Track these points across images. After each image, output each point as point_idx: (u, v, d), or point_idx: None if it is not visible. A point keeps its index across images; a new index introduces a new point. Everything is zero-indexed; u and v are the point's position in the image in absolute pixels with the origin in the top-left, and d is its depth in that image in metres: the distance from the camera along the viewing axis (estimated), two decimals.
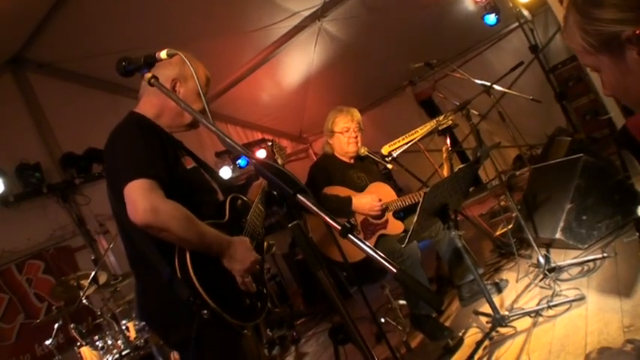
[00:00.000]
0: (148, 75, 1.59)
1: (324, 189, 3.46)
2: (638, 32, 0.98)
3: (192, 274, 1.67)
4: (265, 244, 2.17)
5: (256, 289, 1.88)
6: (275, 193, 1.32)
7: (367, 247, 1.15)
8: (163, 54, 1.62)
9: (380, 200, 3.39)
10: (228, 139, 1.37)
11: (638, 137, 1.04)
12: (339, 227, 1.16)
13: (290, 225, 1.32)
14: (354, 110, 3.70)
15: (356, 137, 3.63)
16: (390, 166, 3.65)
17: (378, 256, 1.13)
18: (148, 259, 1.75)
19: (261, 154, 7.27)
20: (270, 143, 2.95)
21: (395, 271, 1.10)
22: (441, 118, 3.67)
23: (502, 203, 5.26)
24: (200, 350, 1.74)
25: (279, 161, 2.89)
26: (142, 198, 1.65)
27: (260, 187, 2.23)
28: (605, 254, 3.04)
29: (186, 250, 1.70)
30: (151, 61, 1.63)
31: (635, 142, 1.03)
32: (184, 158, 1.99)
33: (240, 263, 1.80)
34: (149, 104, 1.98)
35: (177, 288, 1.66)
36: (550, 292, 2.93)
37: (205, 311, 1.65)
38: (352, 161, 3.73)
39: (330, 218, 1.18)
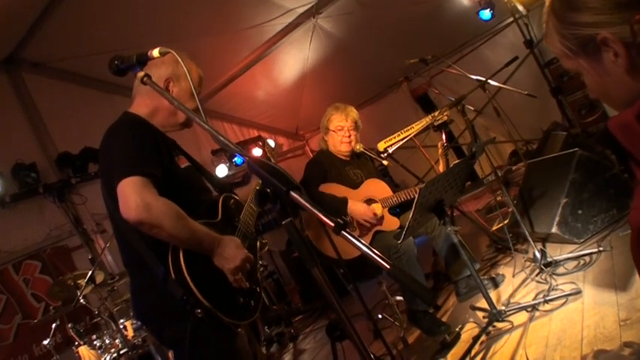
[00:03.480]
0: (141, 74, 1.58)
1: (321, 186, 3.45)
2: (612, 34, 0.99)
3: (185, 273, 1.67)
4: (258, 243, 2.18)
5: (249, 287, 1.88)
6: (268, 190, 1.32)
7: (360, 244, 1.14)
8: (156, 52, 1.61)
9: (375, 215, 3.37)
10: (221, 138, 1.36)
11: (619, 137, 1.04)
12: (333, 224, 1.16)
13: (283, 222, 1.32)
14: (351, 109, 3.67)
15: (349, 137, 3.60)
16: (385, 162, 3.64)
17: (372, 252, 1.13)
18: (142, 259, 1.75)
19: (256, 152, 7.23)
20: (260, 142, 2.95)
21: (388, 267, 1.10)
22: (437, 113, 3.66)
23: (498, 198, 5.28)
24: (194, 349, 1.74)
25: (271, 160, 2.89)
26: (134, 194, 1.65)
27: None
28: (600, 248, 3.05)
29: (180, 250, 1.71)
30: (144, 60, 1.61)
31: (617, 141, 1.04)
32: (178, 157, 1.99)
33: (231, 261, 1.80)
34: (142, 104, 1.98)
35: (171, 287, 1.67)
36: (546, 287, 2.93)
37: (199, 310, 1.65)
38: (348, 158, 3.72)
39: (324, 215, 1.18)
